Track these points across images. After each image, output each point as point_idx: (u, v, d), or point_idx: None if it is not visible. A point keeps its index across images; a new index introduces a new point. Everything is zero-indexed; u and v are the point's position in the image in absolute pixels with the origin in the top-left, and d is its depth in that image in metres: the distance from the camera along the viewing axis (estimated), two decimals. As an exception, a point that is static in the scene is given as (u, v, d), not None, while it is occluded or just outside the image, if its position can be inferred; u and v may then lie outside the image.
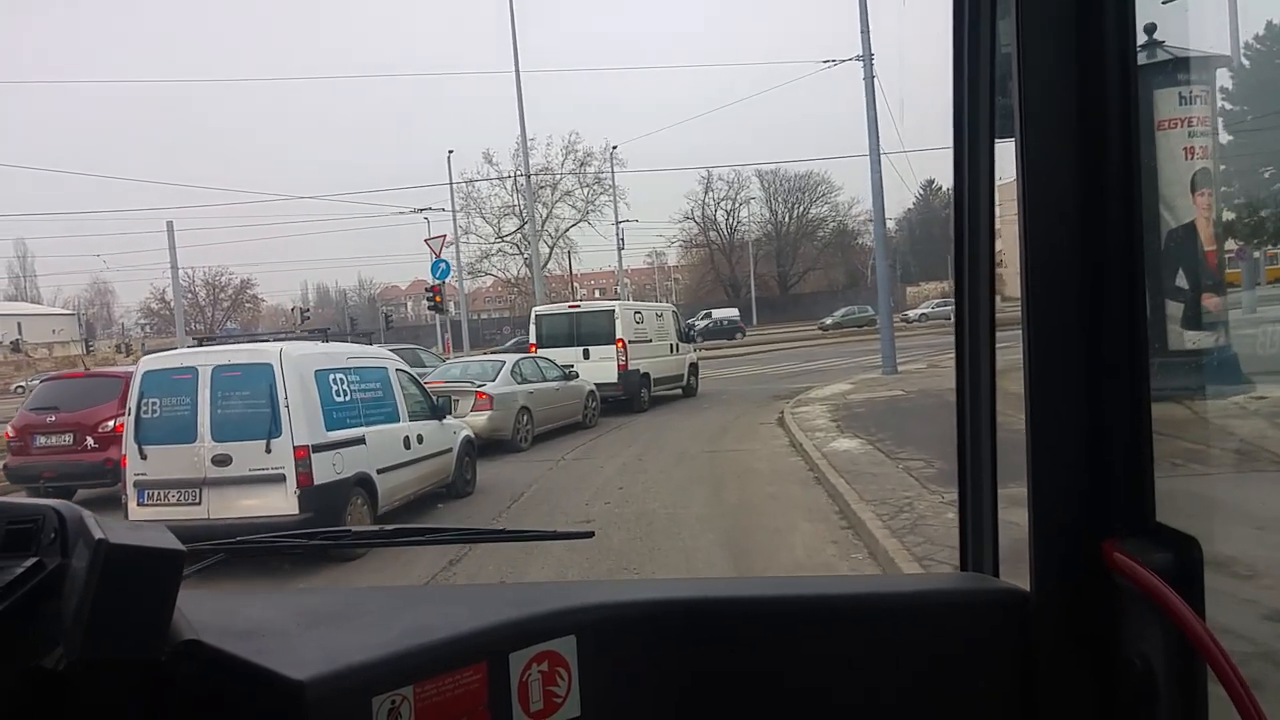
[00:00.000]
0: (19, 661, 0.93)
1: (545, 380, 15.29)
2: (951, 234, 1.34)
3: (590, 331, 18.12)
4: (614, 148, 57.44)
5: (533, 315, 19.59)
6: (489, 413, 13.28)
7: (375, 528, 1.53)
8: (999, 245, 1.37)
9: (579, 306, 19.88)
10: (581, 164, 59.69)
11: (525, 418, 14.11)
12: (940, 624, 1.24)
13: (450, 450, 9.85)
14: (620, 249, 55.33)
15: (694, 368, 21.45)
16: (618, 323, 18.06)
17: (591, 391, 16.70)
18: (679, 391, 20.48)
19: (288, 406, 7.43)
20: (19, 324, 49.61)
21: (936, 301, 51.12)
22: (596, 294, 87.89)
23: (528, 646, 1.15)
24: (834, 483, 8.91)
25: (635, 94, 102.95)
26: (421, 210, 39.22)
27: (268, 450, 7.40)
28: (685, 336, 21.38)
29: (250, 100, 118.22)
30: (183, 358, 8.06)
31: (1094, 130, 1.05)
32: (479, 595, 1.49)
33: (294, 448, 7.40)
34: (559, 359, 16.98)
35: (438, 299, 26.20)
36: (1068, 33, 1.05)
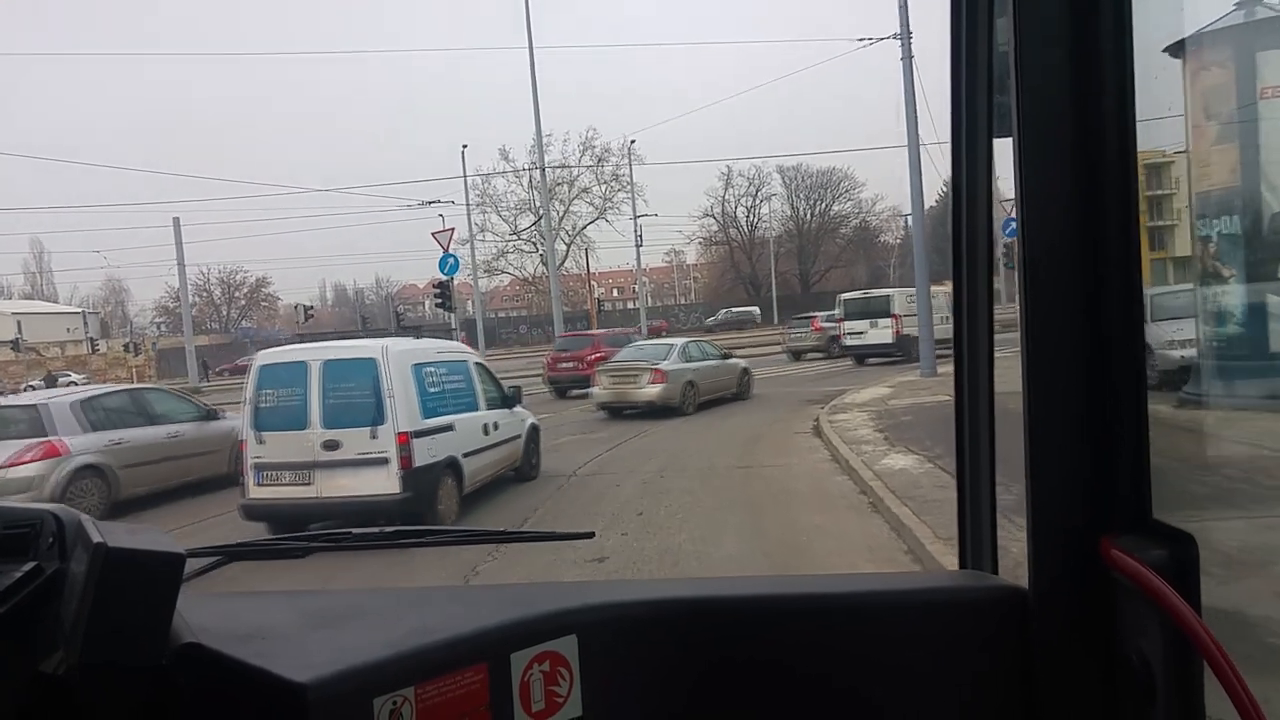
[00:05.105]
0: (20, 666, 0.94)
1: (706, 360, 18.94)
2: (950, 232, 1.36)
3: (877, 309, 25.83)
4: (632, 141, 57.46)
5: (840, 299, 27.88)
6: (663, 385, 17.06)
7: (375, 529, 1.51)
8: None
9: (870, 292, 28.30)
10: (599, 160, 59.17)
11: (691, 390, 17.71)
12: (940, 621, 1.25)
13: (520, 436, 10.73)
14: (638, 245, 54.88)
15: None
16: (893, 303, 25.63)
17: (746, 369, 20.08)
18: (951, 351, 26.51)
19: (392, 397, 8.28)
20: (19, 323, 49.87)
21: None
22: (615, 293, 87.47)
23: (529, 647, 1.16)
24: (896, 512, 7.53)
25: (655, 80, 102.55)
26: (430, 202, 38.07)
27: (373, 436, 8.25)
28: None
29: (264, 92, 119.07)
30: (294, 353, 8.98)
31: (1091, 128, 1.06)
32: (480, 596, 1.50)
33: (396, 434, 8.24)
34: (855, 326, 26.07)
35: (446, 295, 24.55)
36: (1064, 31, 1.07)
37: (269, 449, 8.40)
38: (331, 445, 8.27)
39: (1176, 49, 1.61)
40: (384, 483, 8.19)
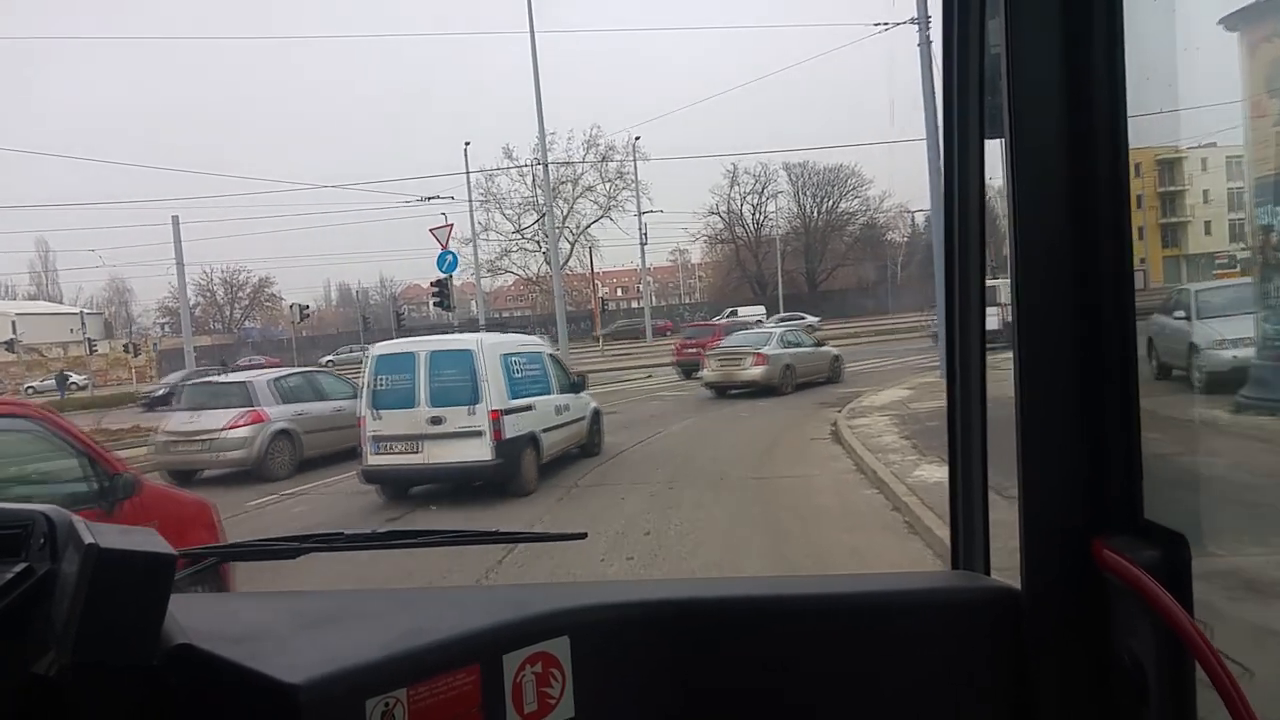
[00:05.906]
0: (10, 667, 0.94)
1: (801, 346, 21.49)
2: (941, 233, 1.37)
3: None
4: (636, 138, 56.80)
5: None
6: (764, 367, 19.30)
7: (368, 530, 1.51)
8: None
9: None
10: (603, 158, 58.33)
11: (789, 372, 19.94)
12: (932, 622, 1.26)
13: (584, 418, 12.38)
14: (643, 244, 54.99)
15: None
16: (999, 292, 31.26)
17: (837, 356, 22.35)
18: None
19: (485, 381, 9.96)
20: (13, 323, 50.04)
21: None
22: (619, 292, 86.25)
23: (521, 648, 1.16)
24: (939, 535, 6.73)
25: (658, 77, 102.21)
26: (431, 198, 36.63)
27: (470, 413, 9.91)
28: None
29: (264, 89, 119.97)
30: (405, 345, 10.90)
31: (1083, 129, 1.07)
32: (472, 597, 1.53)
33: (489, 411, 9.90)
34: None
35: (445, 294, 22.96)
36: (1056, 33, 1.07)
37: (384, 424, 10.07)
38: (436, 420, 9.93)
39: (1233, 23, 1.58)
40: (479, 451, 9.86)
